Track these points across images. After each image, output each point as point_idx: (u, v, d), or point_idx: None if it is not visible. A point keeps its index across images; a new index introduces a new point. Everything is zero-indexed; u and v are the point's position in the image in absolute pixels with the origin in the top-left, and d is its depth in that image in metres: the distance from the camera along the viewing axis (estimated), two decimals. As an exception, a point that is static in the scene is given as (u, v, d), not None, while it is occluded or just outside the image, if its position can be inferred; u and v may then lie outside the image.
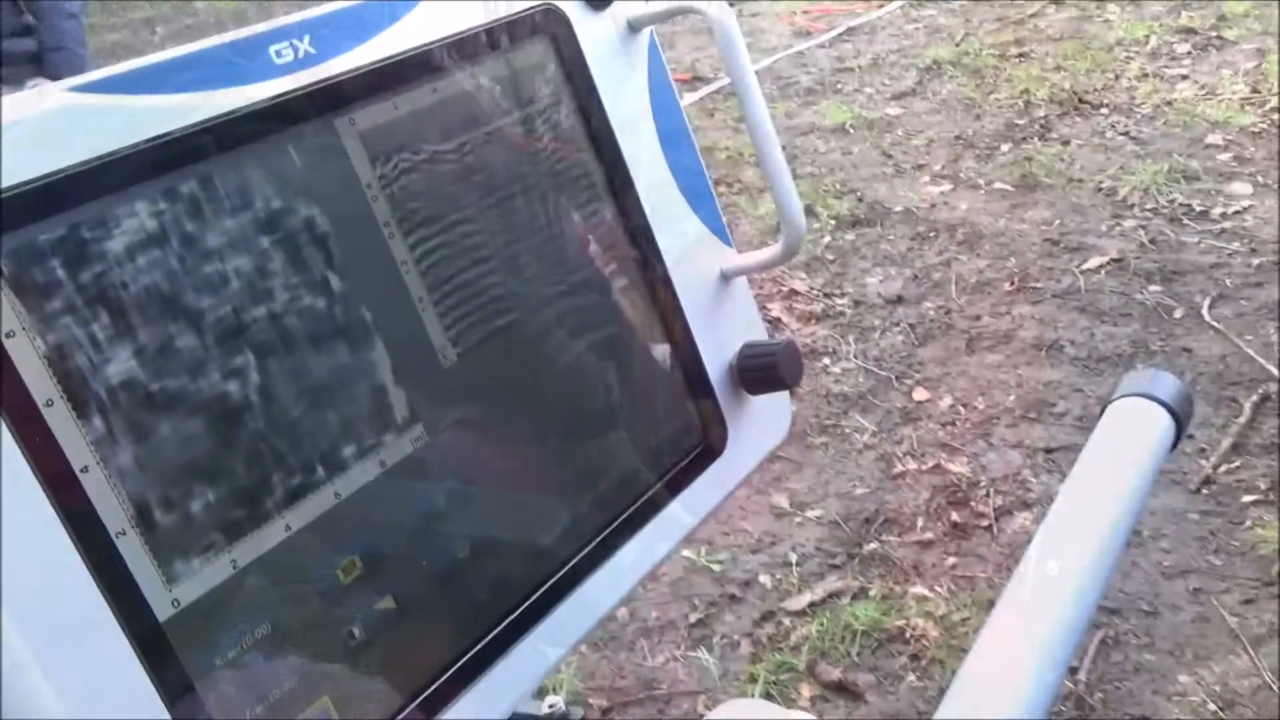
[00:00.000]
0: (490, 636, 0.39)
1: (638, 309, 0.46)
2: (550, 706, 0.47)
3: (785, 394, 0.50)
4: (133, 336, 0.31)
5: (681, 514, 0.45)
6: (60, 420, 0.29)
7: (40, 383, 0.29)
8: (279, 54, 0.35)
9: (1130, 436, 0.51)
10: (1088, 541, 0.48)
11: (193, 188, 0.33)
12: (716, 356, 0.48)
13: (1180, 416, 0.52)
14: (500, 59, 0.42)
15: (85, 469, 0.30)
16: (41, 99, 0.31)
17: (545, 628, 0.40)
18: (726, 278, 0.49)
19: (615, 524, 0.43)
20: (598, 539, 0.42)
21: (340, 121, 0.37)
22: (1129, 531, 0.48)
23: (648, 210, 0.46)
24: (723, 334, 0.48)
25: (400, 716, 0.36)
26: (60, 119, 0.31)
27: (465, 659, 0.38)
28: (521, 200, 0.42)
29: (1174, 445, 0.53)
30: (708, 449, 0.47)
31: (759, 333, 0.50)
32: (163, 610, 0.31)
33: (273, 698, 0.33)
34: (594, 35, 0.45)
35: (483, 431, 0.40)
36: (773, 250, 0.48)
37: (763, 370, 0.47)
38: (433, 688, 0.37)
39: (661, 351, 0.46)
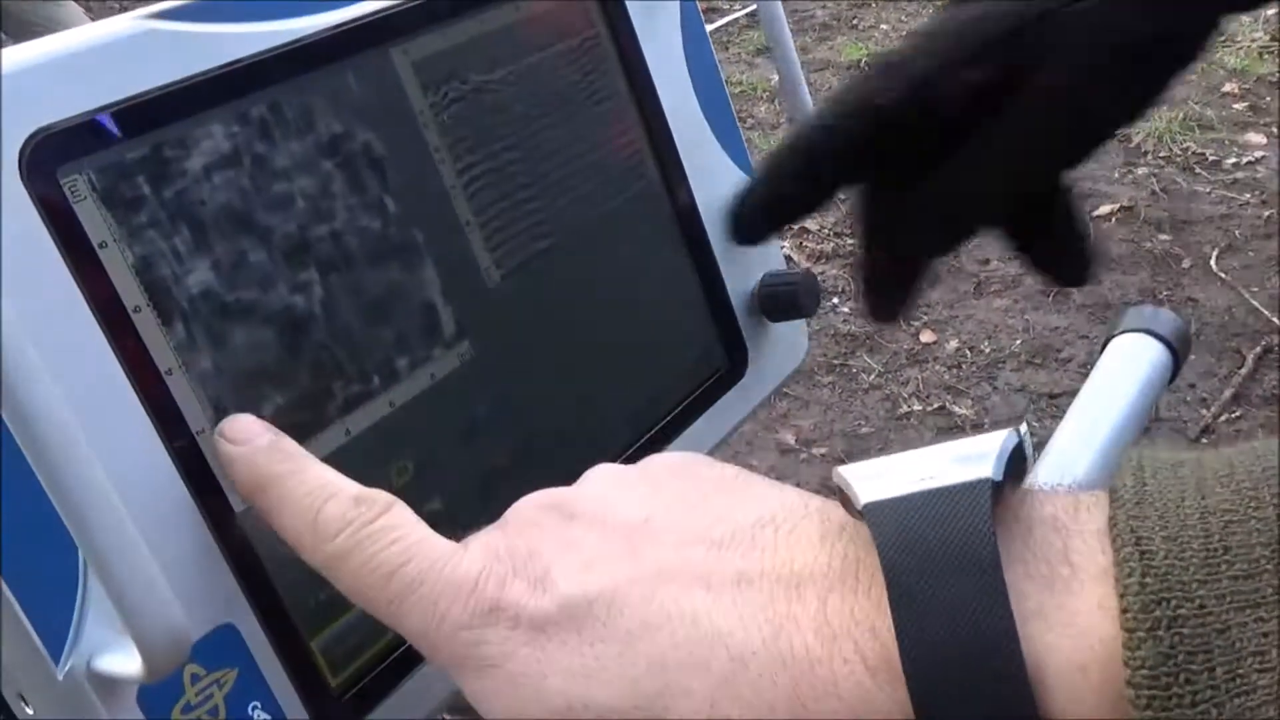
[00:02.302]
0: (528, 539, 0.42)
1: (667, 238, 0.48)
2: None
3: (802, 322, 0.53)
4: (209, 250, 0.34)
5: (705, 430, 0.48)
6: (147, 326, 0.32)
7: (129, 290, 0.32)
8: (338, -15, 0.37)
9: (1130, 370, 0.53)
10: (1088, 470, 0.51)
11: (262, 112, 0.35)
12: (739, 284, 0.50)
13: (1178, 351, 0.55)
14: (542, -7, 0.44)
15: (169, 371, 0.32)
16: (123, 26, 0.33)
17: (577, 533, 0.43)
18: (752, 210, 0.51)
19: (645, 438, 0.46)
20: (629, 451, 0.45)
21: (395, 50, 0.39)
22: (1126, 459, 0.51)
23: (677, 141, 0.48)
24: (745, 264, 0.50)
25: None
26: (142, 44, 0.33)
27: (505, 558, 0.41)
28: (560, 130, 0.44)
29: (1171, 378, 0.55)
30: (730, 371, 0.50)
31: (779, 263, 0.52)
32: (238, 503, 0.34)
33: (332, 587, 0.36)
34: (631, -29, 0.46)
35: (523, 348, 0.42)
36: (797, 185, 0.50)
37: (783, 298, 0.50)
38: (475, 583, 0.40)
39: (688, 278, 0.49)
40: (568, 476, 0.44)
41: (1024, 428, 0.25)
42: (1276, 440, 0.23)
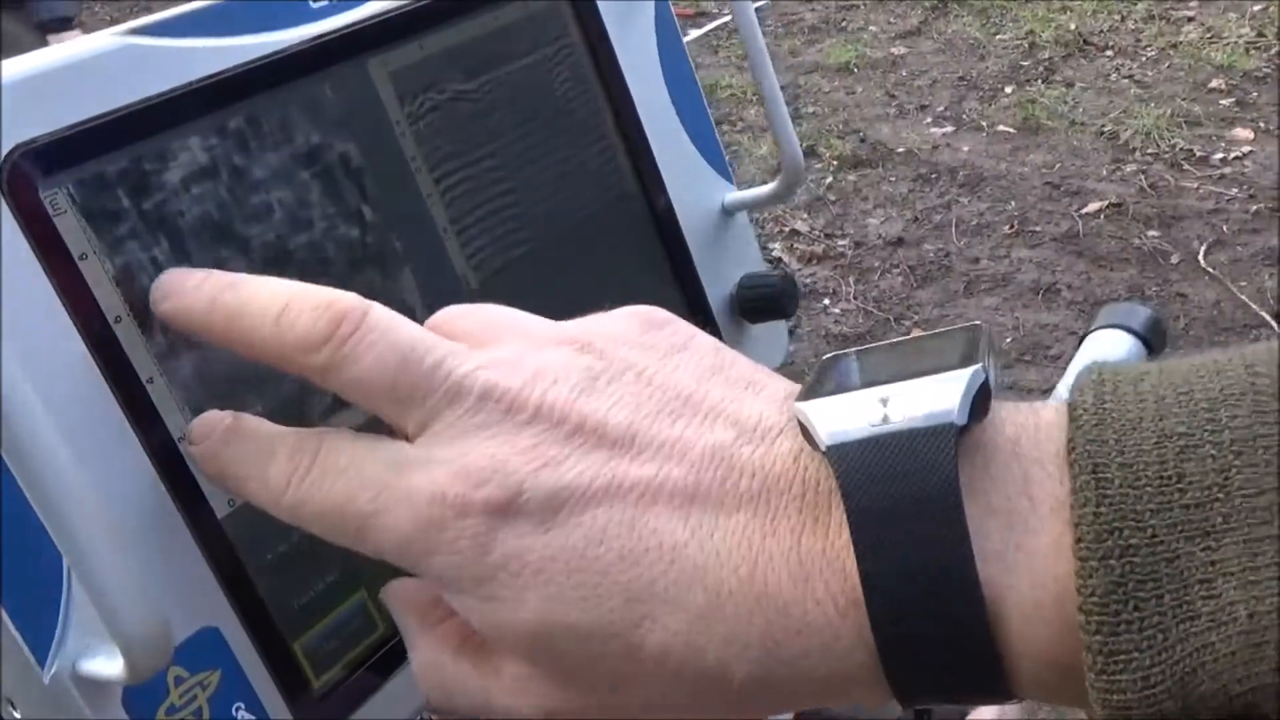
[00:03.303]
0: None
1: (644, 241, 0.49)
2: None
3: (782, 323, 0.53)
4: (188, 260, 0.34)
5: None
6: (128, 335, 0.33)
7: (110, 301, 0.32)
8: (315, 0, 0.38)
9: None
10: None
11: (240, 124, 0.36)
12: (717, 286, 0.51)
13: (1154, 347, 0.55)
14: (519, 2, 0.45)
15: (150, 380, 0.33)
16: (103, 42, 0.34)
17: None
18: (728, 212, 0.52)
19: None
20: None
21: (372, 62, 0.39)
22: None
23: (654, 145, 0.49)
24: (723, 265, 0.51)
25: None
26: (121, 60, 0.33)
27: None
28: (537, 137, 0.45)
29: (1147, 375, 0.56)
30: (709, 374, 0.51)
31: (758, 265, 0.53)
32: (220, 509, 0.34)
33: (316, 589, 0.37)
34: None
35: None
36: (772, 187, 0.51)
37: (762, 300, 0.51)
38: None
39: (666, 281, 0.50)
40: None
41: (989, 360, 0.25)
42: (1236, 353, 0.23)
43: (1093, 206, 2.82)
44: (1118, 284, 2.51)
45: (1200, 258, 2.57)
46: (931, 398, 0.23)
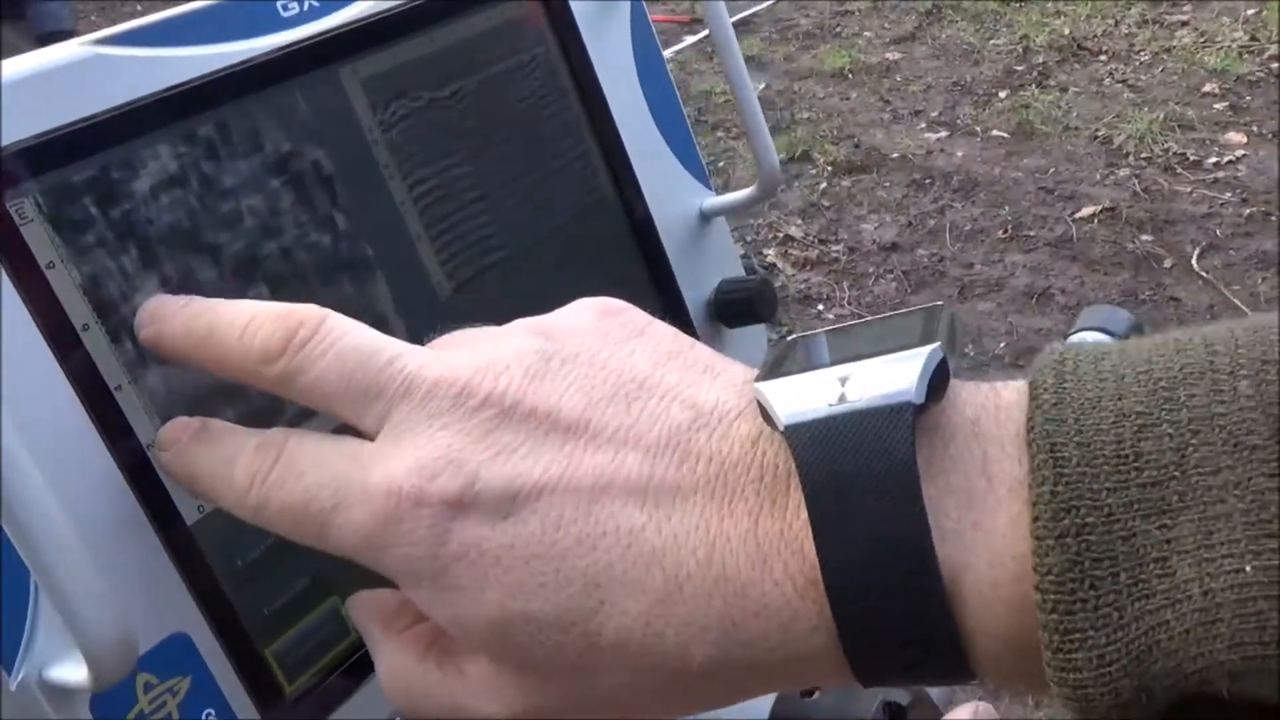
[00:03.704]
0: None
1: (621, 247, 0.49)
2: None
3: (761, 327, 0.53)
4: (157, 268, 0.34)
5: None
6: (96, 343, 0.33)
7: (77, 309, 0.32)
8: (285, 7, 0.38)
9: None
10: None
11: (209, 133, 0.36)
12: (696, 292, 0.51)
13: (1132, 352, 0.56)
14: (493, 9, 0.45)
15: (119, 387, 0.33)
16: (70, 52, 0.34)
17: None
18: (706, 217, 0.52)
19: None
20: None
21: (343, 70, 0.40)
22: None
23: (631, 153, 0.49)
24: (701, 270, 0.51)
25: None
26: (89, 69, 0.34)
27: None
28: (512, 144, 0.45)
29: (1126, 378, 0.56)
30: (687, 379, 0.51)
31: (736, 270, 0.53)
32: (190, 515, 0.34)
33: (287, 595, 0.37)
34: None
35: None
36: (749, 191, 0.51)
37: (739, 305, 0.51)
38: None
39: (644, 286, 0.50)
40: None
41: (949, 340, 0.24)
42: (1196, 333, 0.23)
43: (1086, 211, 2.82)
44: (1111, 288, 2.52)
45: (1193, 262, 2.57)
46: (890, 377, 0.23)
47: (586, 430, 0.26)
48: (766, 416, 0.24)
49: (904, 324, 0.26)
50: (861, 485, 0.22)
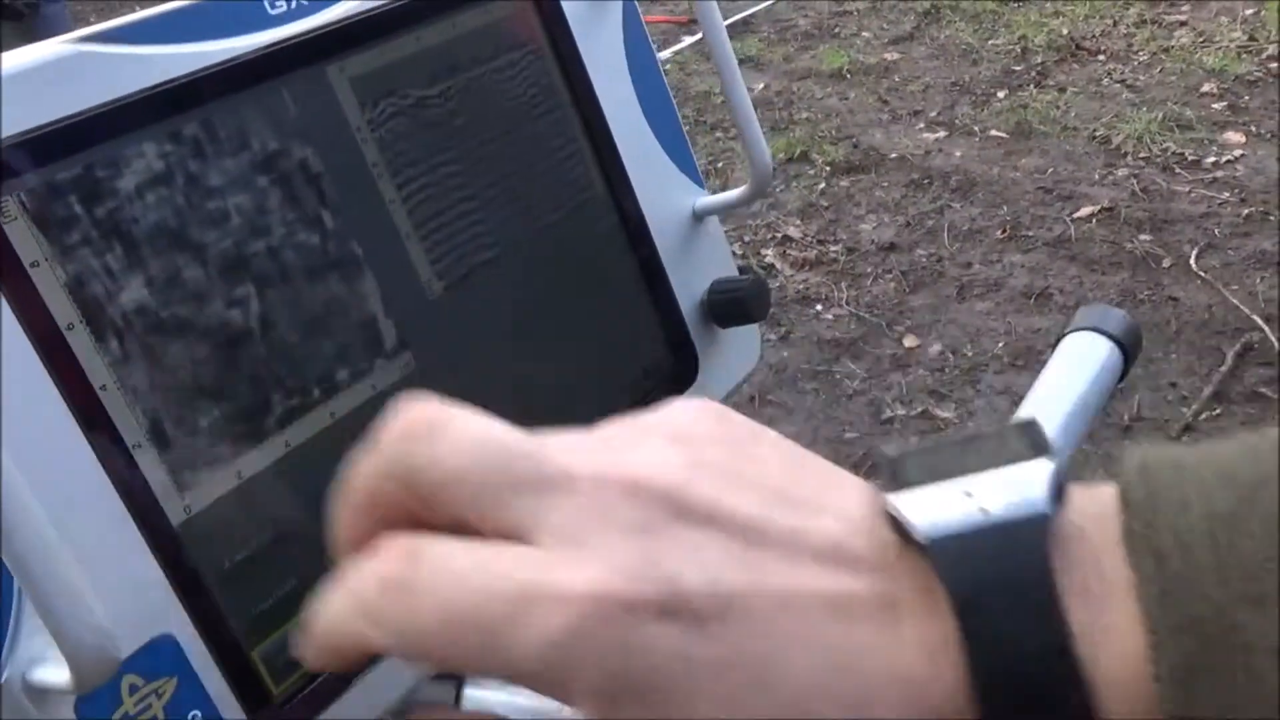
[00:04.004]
0: (475, 547, 0.42)
1: (614, 246, 0.49)
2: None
3: (754, 327, 0.53)
4: (143, 267, 0.34)
5: (654, 438, 0.49)
6: (81, 343, 0.33)
7: (62, 309, 0.32)
8: (273, 4, 0.38)
9: (1080, 369, 0.54)
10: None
11: (195, 131, 0.36)
12: (688, 291, 0.51)
13: (1128, 350, 0.55)
14: (481, 7, 0.45)
15: (104, 387, 0.33)
16: (54, 49, 0.33)
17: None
18: (698, 217, 0.51)
19: (591, 446, 0.47)
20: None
21: (331, 68, 0.39)
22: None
23: (623, 152, 0.49)
24: (695, 270, 0.51)
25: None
26: (72, 67, 0.33)
27: (451, 566, 0.41)
28: (503, 142, 0.45)
29: (1122, 377, 0.56)
30: (680, 378, 0.51)
31: (729, 269, 0.53)
32: (176, 515, 0.34)
33: (275, 597, 0.37)
34: (572, -15, 0.47)
35: (468, 358, 0.43)
36: (741, 190, 0.51)
37: (732, 304, 0.51)
38: (422, 591, 0.40)
39: (637, 286, 0.49)
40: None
41: (1046, 448, 0.26)
42: (1275, 440, 0.25)
43: (1085, 211, 2.82)
44: (1110, 288, 2.51)
45: (1192, 262, 2.57)
46: (1020, 489, 0.25)
47: (761, 536, 0.25)
48: (900, 529, 0.25)
49: (1004, 437, 0.27)
50: (1005, 594, 0.24)
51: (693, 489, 0.25)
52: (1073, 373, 0.55)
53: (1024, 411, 0.54)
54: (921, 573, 0.25)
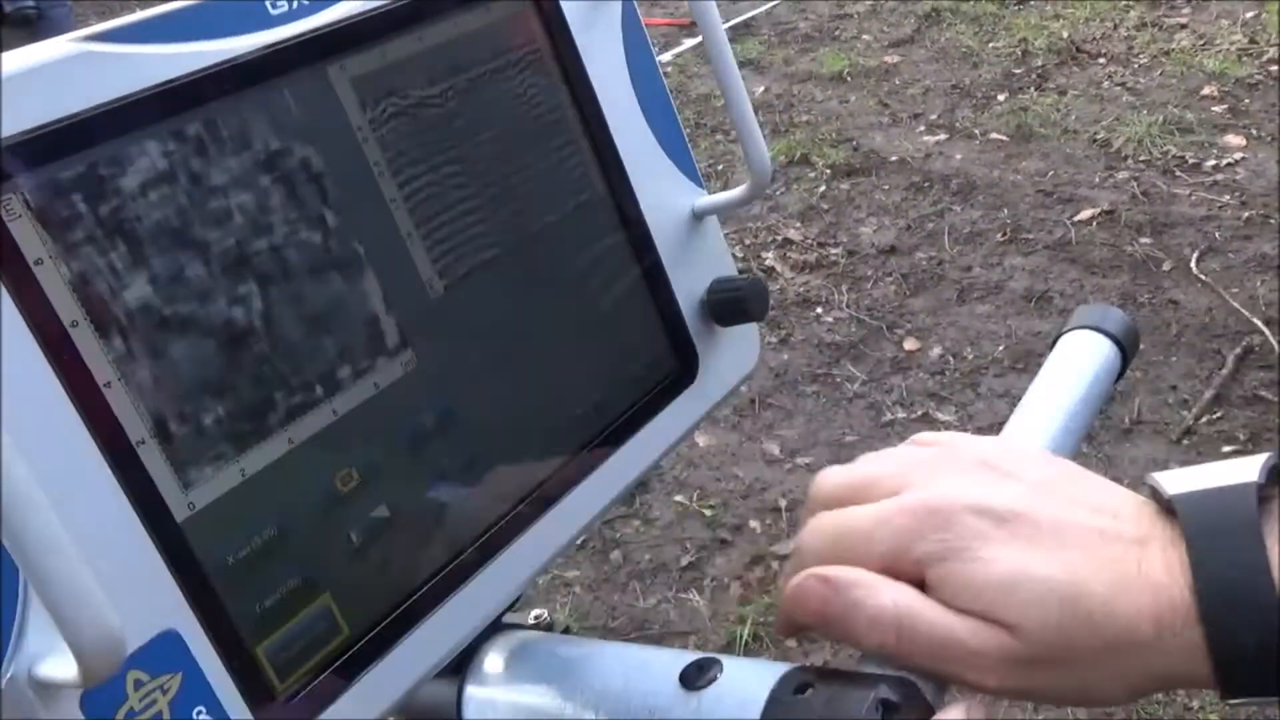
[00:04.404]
0: (476, 544, 0.42)
1: (614, 246, 0.49)
2: (536, 617, 0.51)
3: (754, 326, 0.53)
4: (146, 265, 0.34)
5: (658, 435, 0.49)
6: (85, 340, 0.33)
7: (66, 306, 0.32)
8: (274, 4, 0.38)
9: (1078, 367, 0.54)
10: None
11: (198, 129, 0.36)
12: (688, 290, 0.51)
13: (1126, 348, 0.56)
14: (482, 7, 0.45)
15: (108, 384, 0.33)
16: (58, 48, 0.34)
17: (527, 539, 0.44)
18: (698, 216, 0.52)
19: (596, 443, 0.47)
20: (579, 457, 0.46)
21: (332, 68, 0.40)
22: (1072, 453, 0.51)
23: (622, 152, 0.49)
24: (694, 269, 0.51)
25: (394, 614, 0.40)
26: (75, 66, 0.34)
27: (454, 563, 0.41)
28: (503, 142, 0.45)
29: (1119, 375, 0.56)
30: (681, 376, 0.51)
31: (729, 269, 0.53)
32: (180, 512, 0.34)
33: (279, 593, 0.37)
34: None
35: (469, 357, 0.43)
36: (741, 190, 0.51)
37: (731, 304, 0.51)
38: (424, 588, 0.40)
39: (636, 285, 0.50)
40: (516, 483, 0.44)
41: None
42: None
43: (1085, 214, 2.82)
44: (1110, 291, 2.51)
45: (1192, 264, 2.57)
46: (1243, 469, 0.36)
47: (1050, 490, 0.38)
48: (1156, 496, 0.37)
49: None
50: (1223, 533, 0.34)
51: (1058, 518, 0.37)
52: (1071, 371, 0.55)
53: (1023, 409, 0.54)
54: (1170, 524, 0.35)
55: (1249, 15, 3.73)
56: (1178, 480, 0.36)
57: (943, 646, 0.36)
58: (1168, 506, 0.36)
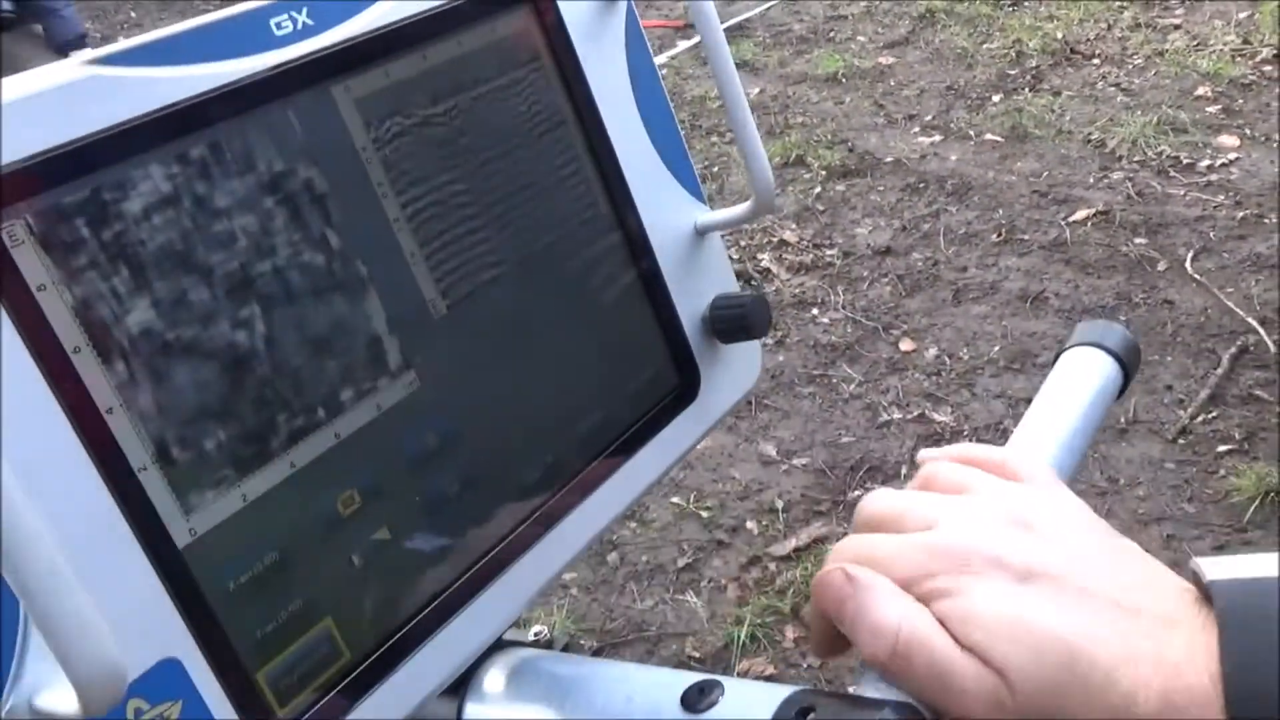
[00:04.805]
0: (477, 566, 0.42)
1: (617, 264, 0.49)
2: (536, 634, 0.51)
3: (756, 343, 0.53)
4: (149, 289, 0.34)
5: (660, 452, 0.49)
6: (87, 366, 0.33)
7: (68, 332, 0.32)
8: (279, 26, 0.38)
9: (1079, 384, 0.54)
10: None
11: (202, 152, 0.36)
12: (691, 308, 0.51)
13: (1127, 365, 0.56)
14: (486, 26, 0.45)
15: (110, 410, 0.33)
16: (62, 73, 0.33)
17: (528, 559, 0.44)
18: (700, 233, 0.52)
19: (597, 462, 0.47)
20: (580, 476, 0.46)
21: (336, 88, 0.39)
22: (1075, 471, 0.51)
23: (626, 169, 0.49)
24: (697, 286, 0.51)
25: (395, 637, 0.39)
26: (80, 90, 0.33)
27: (455, 585, 0.41)
28: (506, 161, 0.45)
29: (1121, 392, 0.56)
30: (683, 393, 0.51)
31: (731, 285, 0.53)
32: (181, 538, 0.34)
33: (280, 618, 0.37)
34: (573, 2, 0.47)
35: (472, 377, 0.43)
36: (745, 207, 0.51)
37: (734, 321, 0.51)
38: (426, 611, 0.40)
39: (639, 303, 0.49)
40: (518, 503, 0.44)
41: None
42: None
43: (1080, 214, 2.83)
44: (1105, 291, 2.52)
45: (1187, 264, 2.57)
46: (1267, 564, 0.36)
47: (1087, 572, 0.37)
48: (1196, 580, 0.36)
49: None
50: (1254, 621, 0.34)
51: (1064, 572, 0.37)
52: (1073, 389, 0.55)
53: (1026, 427, 0.54)
54: (1204, 610, 0.35)
55: (1242, 15, 3.74)
56: (1219, 567, 0.36)
57: (935, 675, 0.36)
58: (1206, 592, 0.36)
